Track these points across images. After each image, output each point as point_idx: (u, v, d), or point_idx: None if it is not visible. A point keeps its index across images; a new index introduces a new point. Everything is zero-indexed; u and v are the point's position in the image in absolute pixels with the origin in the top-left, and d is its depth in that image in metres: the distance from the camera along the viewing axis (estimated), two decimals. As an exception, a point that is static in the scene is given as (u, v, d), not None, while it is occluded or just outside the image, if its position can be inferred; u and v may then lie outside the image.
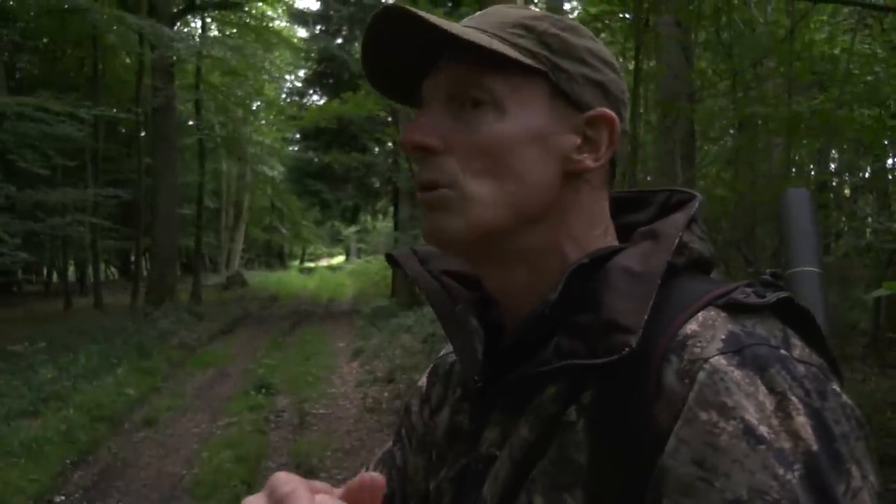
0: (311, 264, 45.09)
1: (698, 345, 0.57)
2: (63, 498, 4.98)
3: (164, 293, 15.08)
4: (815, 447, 0.52)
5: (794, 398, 0.54)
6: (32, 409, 6.69)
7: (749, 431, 0.52)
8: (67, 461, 5.61)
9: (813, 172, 9.33)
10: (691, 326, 0.59)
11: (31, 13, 15.44)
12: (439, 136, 0.67)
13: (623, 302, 0.61)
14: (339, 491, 0.53)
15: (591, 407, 0.61)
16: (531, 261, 0.69)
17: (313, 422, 6.86)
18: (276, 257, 41.38)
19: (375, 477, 0.52)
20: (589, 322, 0.62)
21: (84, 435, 6.13)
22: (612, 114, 0.69)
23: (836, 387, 0.57)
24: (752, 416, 0.52)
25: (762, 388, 0.54)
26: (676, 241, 0.66)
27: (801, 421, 0.52)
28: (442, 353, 0.91)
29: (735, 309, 0.60)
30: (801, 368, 0.56)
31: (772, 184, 7.24)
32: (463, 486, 0.72)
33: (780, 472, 0.50)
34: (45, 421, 6.33)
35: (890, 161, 9.30)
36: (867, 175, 10.28)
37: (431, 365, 0.93)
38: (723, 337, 0.57)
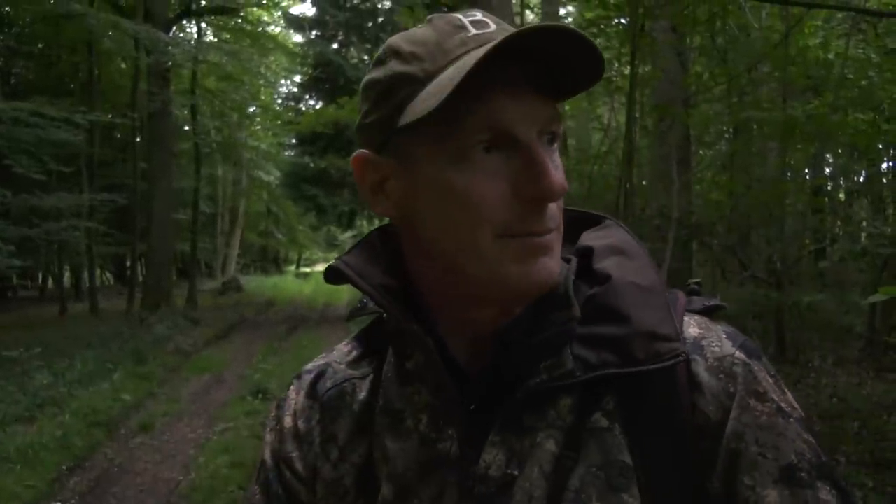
0: (307, 269, 44.94)
1: (714, 345, 0.67)
2: (59, 504, 4.96)
3: (160, 298, 15.06)
4: (801, 411, 0.66)
5: (777, 377, 0.67)
6: (28, 415, 6.67)
7: (780, 410, 0.64)
8: (63, 467, 5.58)
9: (808, 177, 9.37)
10: (693, 330, 0.68)
11: (28, 19, 15.44)
12: None
13: (650, 313, 0.67)
14: None
15: (619, 411, 0.66)
16: None
17: (310, 427, 6.84)
18: (271, 262, 41.31)
19: None
20: (619, 334, 0.66)
21: (80, 440, 6.10)
22: None
23: None
24: (776, 396, 0.65)
25: (765, 373, 0.66)
26: (647, 256, 0.72)
27: (789, 394, 0.67)
28: (330, 384, 0.80)
29: (709, 314, 0.71)
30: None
31: (767, 188, 7.27)
32: None
33: (806, 436, 0.63)
34: (41, 427, 6.31)
35: (884, 165, 9.35)
36: (862, 179, 10.33)
37: (309, 400, 0.81)
38: (724, 337, 0.68)
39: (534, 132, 0.64)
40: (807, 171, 9.51)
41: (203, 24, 20.27)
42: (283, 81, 24.68)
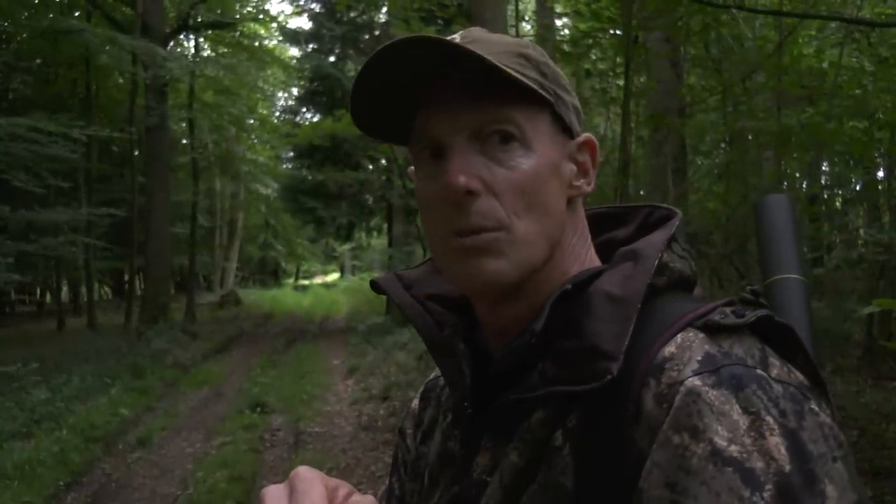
0: (306, 282, 44.93)
1: (675, 367, 0.58)
2: (56, 520, 4.94)
3: (158, 312, 15.03)
4: (787, 468, 0.52)
5: (768, 418, 0.54)
6: (25, 431, 6.65)
7: (717, 453, 0.52)
8: (61, 483, 5.57)
9: (804, 185, 9.39)
10: (669, 349, 0.60)
11: (25, 35, 15.49)
12: (478, 178, 0.65)
13: (604, 327, 0.62)
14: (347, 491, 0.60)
15: (575, 431, 0.62)
16: (543, 287, 0.69)
17: (308, 440, 6.82)
18: (270, 275, 41.30)
19: None
20: (573, 348, 0.63)
21: (77, 456, 6.09)
22: (594, 138, 0.73)
23: (813, 406, 0.57)
24: (721, 437, 0.53)
25: (736, 408, 0.54)
26: (656, 262, 0.66)
27: (775, 441, 0.53)
28: (433, 375, 0.90)
29: (713, 330, 0.61)
30: (777, 388, 0.56)
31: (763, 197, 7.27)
32: None
33: (746, 493, 0.51)
34: (38, 442, 6.29)
35: (880, 173, 9.37)
36: (857, 187, 10.36)
37: (423, 386, 0.92)
38: (699, 358, 0.58)
39: (462, 135, 0.66)
40: (802, 179, 9.53)
41: (200, 39, 20.35)
42: (280, 95, 24.79)
